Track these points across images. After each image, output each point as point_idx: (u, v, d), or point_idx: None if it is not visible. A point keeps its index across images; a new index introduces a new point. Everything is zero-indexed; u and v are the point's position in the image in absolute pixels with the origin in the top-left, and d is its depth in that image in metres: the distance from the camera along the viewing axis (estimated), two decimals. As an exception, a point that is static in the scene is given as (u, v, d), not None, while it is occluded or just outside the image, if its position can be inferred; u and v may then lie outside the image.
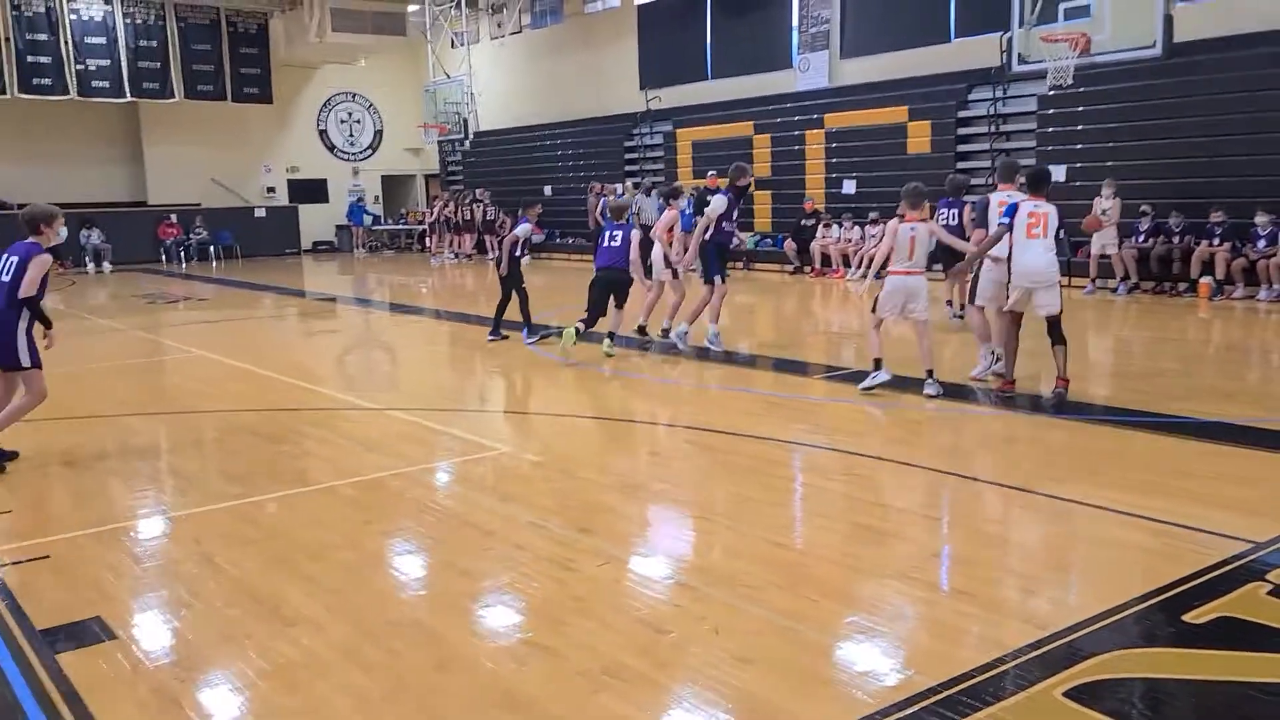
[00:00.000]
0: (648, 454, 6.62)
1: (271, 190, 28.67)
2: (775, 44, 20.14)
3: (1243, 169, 13.09)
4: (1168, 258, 13.30)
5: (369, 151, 30.26)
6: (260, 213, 27.58)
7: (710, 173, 18.67)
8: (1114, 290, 13.24)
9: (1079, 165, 14.67)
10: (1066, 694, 3.14)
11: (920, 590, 4.05)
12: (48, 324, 6.23)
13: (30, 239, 6.17)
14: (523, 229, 10.62)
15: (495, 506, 5.37)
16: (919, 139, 17.05)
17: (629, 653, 3.53)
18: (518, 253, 10.66)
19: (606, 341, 9.66)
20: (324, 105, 29.36)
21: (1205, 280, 12.79)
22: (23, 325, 6.06)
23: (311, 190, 28.97)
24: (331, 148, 29.65)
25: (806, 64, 19.44)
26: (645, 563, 4.56)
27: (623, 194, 19.61)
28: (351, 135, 29.96)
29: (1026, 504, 5.17)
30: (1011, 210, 7.30)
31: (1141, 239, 13.65)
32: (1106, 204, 13.00)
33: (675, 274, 10.19)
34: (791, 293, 15.84)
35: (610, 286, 9.76)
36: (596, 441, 6.92)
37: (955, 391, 7.77)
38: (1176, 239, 13.29)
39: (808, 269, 17.71)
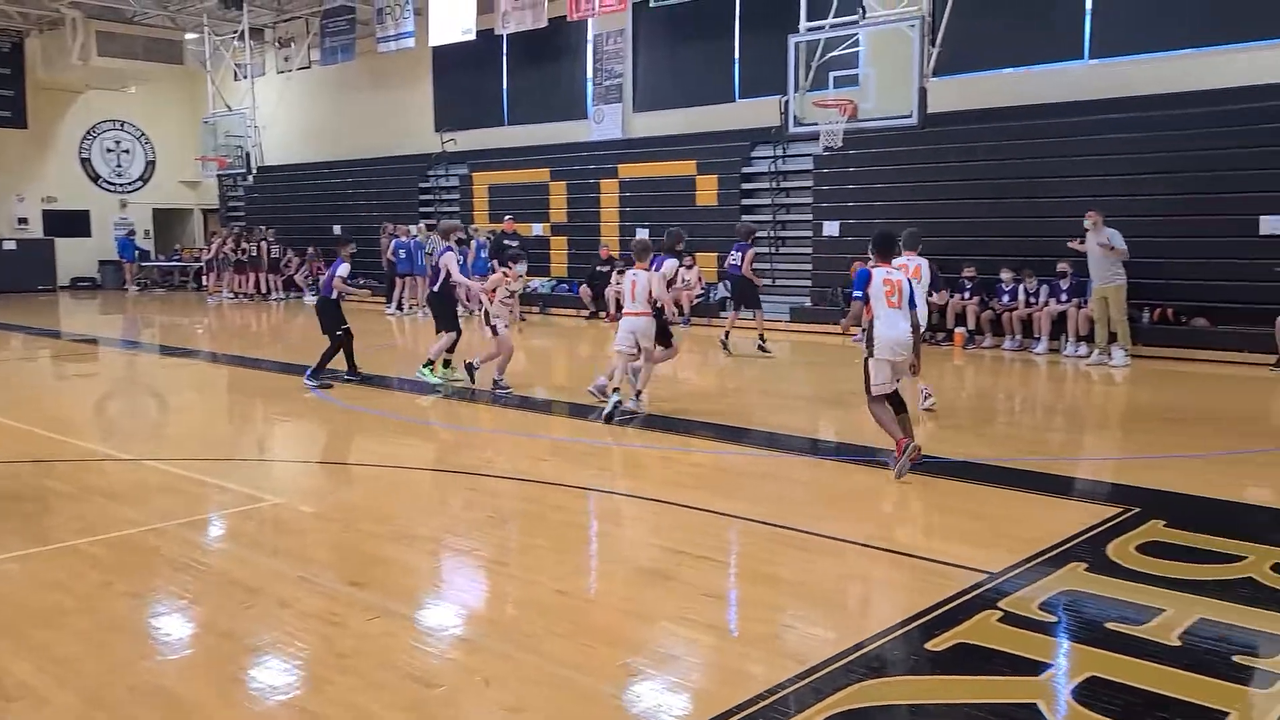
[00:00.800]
0: (432, 502, 6.46)
1: (23, 221, 26.19)
2: (571, 94, 20.54)
3: (988, 230, 14.47)
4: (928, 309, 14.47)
5: (139, 183, 28.28)
6: (9, 245, 25.14)
7: (506, 217, 18.70)
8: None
9: (850, 221, 15.76)
10: (821, 724, 3.29)
11: (693, 631, 4.14)
12: None
13: None
14: (343, 269, 10.47)
15: (262, 562, 5.07)
16: (707, 191, 17.82)
17: (394, 710, 3.40)
18: (333, 295, 10.47)
19: (421, 368, 10.28)
20: (88, 132, 27.25)
21: (959, 330, 13.99)
22: None
23: (71, 222, 26.67)
24: (96, 178, 27.50)
25: (601, 115, 19.93)
26: (420, 615, 4.42)
27: (416, 235, 19.29)
28: (119, 165, 27.90)
29: (793, 543, 5.41)
30: (863, 280, 6.76)
31: (906, 291, 14.81)
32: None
33: (495, 331, 10.15)
34: (585, 337, 16.02)
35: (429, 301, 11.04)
36: (378, 491, 6.68)
37: (733, 436, 8.09)
38: (934, 293, 14.48)
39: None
